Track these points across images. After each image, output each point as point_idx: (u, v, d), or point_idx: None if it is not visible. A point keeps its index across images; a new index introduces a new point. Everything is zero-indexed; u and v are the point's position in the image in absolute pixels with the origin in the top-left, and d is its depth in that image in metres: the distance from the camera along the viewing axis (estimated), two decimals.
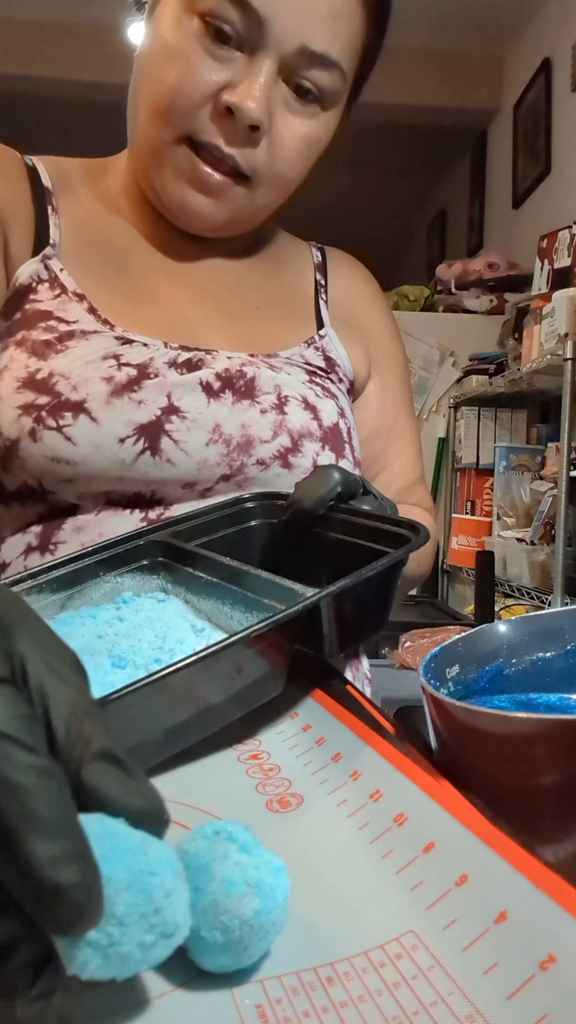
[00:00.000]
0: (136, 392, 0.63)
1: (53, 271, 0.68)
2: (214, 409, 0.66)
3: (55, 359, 0.62)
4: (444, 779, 0.37)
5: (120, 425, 0.61)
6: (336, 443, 0.71)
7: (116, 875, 0.23)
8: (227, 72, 0.64)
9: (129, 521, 0.64)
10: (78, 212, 0.74)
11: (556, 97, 2.99)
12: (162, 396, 0.64)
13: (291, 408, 0.69)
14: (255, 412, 0.67)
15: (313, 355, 0.76)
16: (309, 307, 0.81)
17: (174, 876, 0.25)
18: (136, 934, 0.23)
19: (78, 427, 0.60)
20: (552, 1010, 0.24)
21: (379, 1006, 0.25)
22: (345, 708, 0.47)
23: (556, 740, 0.35)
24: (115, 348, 0.65)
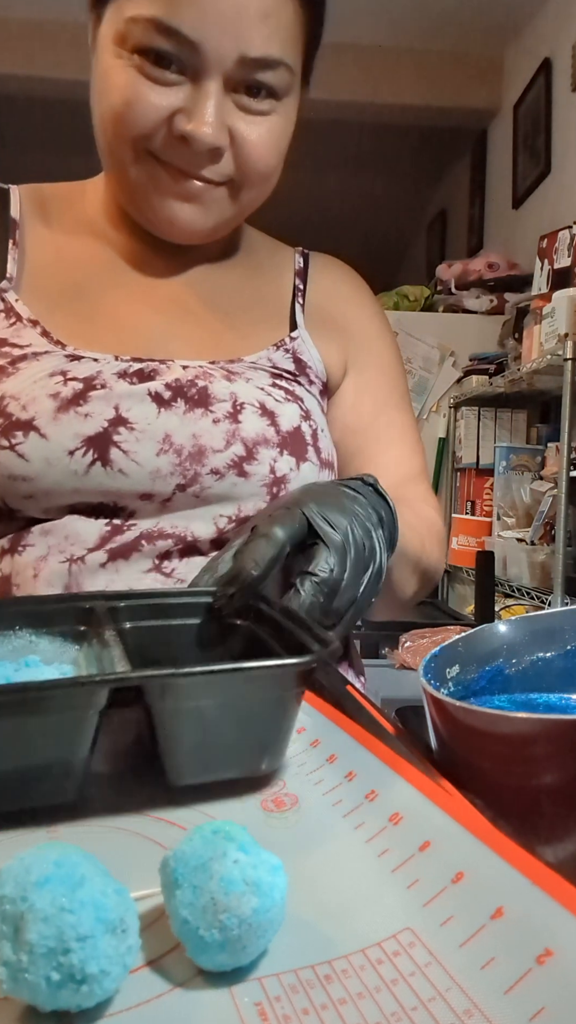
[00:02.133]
0: (82, 405, 0.64)
1: (8, 302, 0.71)
2: (164, 419, 0.66)
3: (6, 383, 0.65)
4: (439, 778, 0.37)
5: (68, 438, 0.63)
6: (296, 447, 0.70)
7: (40, 904, 0.24)
8: (175, 97, 0.65)
9: (95, 525, 0.65)
10: (45, 241, 0.77)
11: (556, 97, 2.99)
12: (109, 408, 0.65)
13: (246, 416, 0.68)
14: (207, 421, 0.67)
15: (281, 358, 0.77)
16: (284, 311, 0.82)
17: (96, 922, 0.24)
18: (42, 968, 0.24)
19: (29, 444, 0.63)
20: (550, 1004, 0.24)
21: (377, 1003, 0.25)
22: (344, 709, 0.47)
23: (556, 740, 0.35)
24: (63, 365, 0.66)
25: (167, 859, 0.29)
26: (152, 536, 0.66)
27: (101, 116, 0.68)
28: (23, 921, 0.24)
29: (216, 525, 0.67)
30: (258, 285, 0.82)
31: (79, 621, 0.50)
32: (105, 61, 0.67)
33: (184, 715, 0.38)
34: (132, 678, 0.37)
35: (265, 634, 0.48)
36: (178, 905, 0.27)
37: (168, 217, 0.70)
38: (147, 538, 0.66)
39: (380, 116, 3.71)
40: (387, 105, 3.60)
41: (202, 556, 0.67)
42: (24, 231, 0.76)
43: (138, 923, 0.26)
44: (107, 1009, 0.25)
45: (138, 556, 0.66)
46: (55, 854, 0.26)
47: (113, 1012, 0.25)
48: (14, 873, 0.25)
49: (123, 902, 0.26)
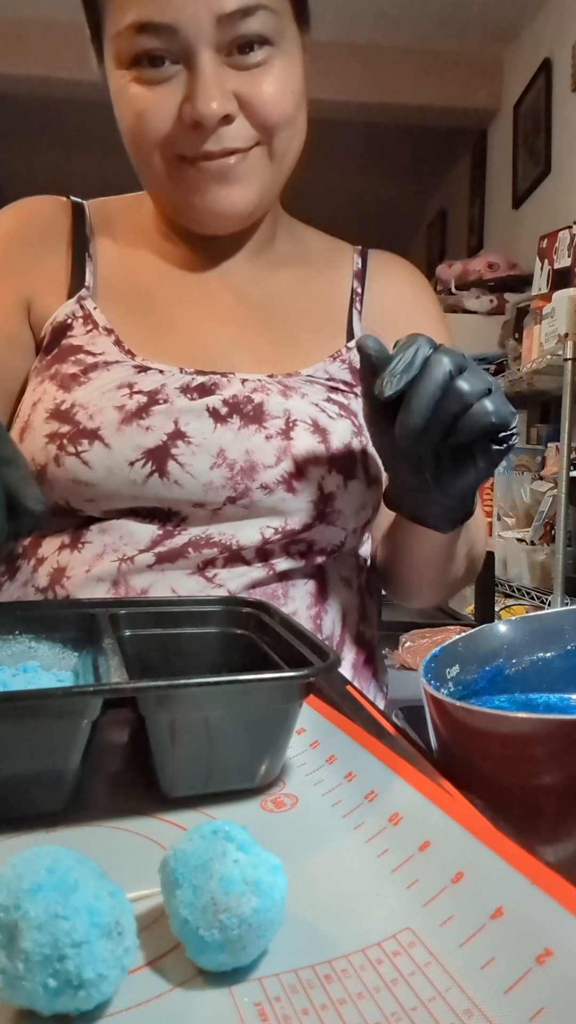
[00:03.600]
0: (144, 419, 0.67)
1: (87, 309, 0.75)
2: (219, 434, 0.68)
3: (77, 391, 0.69)
4: (439, 778, 0.37)
5: (130, 450, 0.66)
6: (345, 464, 0.71)
7: (34, 912, 0.24)
8: (176, 91, 0.67)
9: (148, 528, 0.68)
10: (114, 253, 0.80)
11: (556, 97, 2.99)
12: (169, 422, 0.67)
13: (298, 433, 0.69)
14: (260, 438, 0.68)
15: (338, 369, 0.77)
16: (341, 318, 0.81)
17: (91, 927, 0.24)
18: (39, 975, 0.24)
19: (93, 452, 0.66)
20: (550, 1003, 0.24)
21: (377, 1003, 0.25)
22: (344, 710, 0.47)
23: (556, 740, 0.35)
24: (131, 377, 0.69)
25: (167, 859, 0.29)
26: (199, 544, 0.68)
27: (127, 138, 0.71)
28: (17, 929, 0.24)
29: (262, 535, 0.69)
30: (314, 289, 0.82)
31: (80, 628, 0.50)
32: (114, 87, 0.70)
33: (178, 727, 0.38)
34: (126, 689, 0.36)
35: (266, 645, 0.48)
36: (178, 905, 0.27)
37: (212, 208, 0.71)
38: (194, 545, 0.68)
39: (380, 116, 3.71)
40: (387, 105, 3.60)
41: (246, 565, 0.69)
42: (96, 245, 0.80)
43: (135, 924, 0.26)
44: (107, 1009, 0.25)
45: (184, 562, 0.68)
46: (48, 860, 0.26)
47: (113, 1012, 0.25)
48: (6, 881, 0.25)
49: (118, 904, 0.26)
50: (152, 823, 0.37)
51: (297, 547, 0.71)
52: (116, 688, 0.37)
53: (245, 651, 0.50)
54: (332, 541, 0.72)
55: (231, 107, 0.67)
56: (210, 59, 0.65)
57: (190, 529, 0.69)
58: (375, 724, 0.44)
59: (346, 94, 3.49)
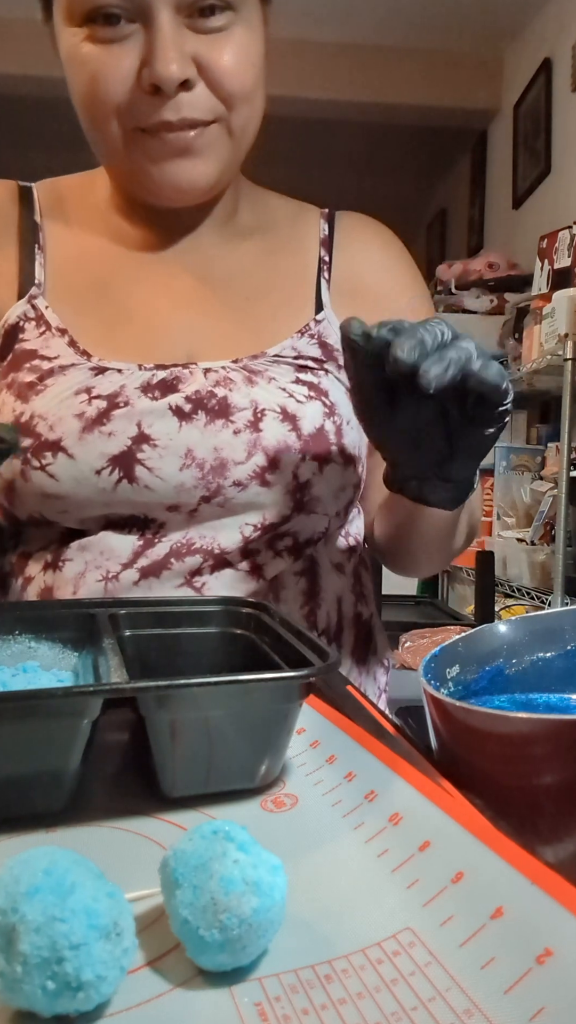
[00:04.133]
0: (105, 424, 0.65)
1: (39, 309, 0.72)
2: (185, 433, 0.66)
3: (35, 400, 0.67)
4: (439, 778, 0.37)
5: (94, 458, 0.65)
6: (319, 449, 0.69)
7: (31, 915, 0.24)
8: (133, 49, 0.63)
9: (127, 540, 0.67)
10: (67, 239, 0.77)
11: (556, 97, 2.99)
12: (131, 425, 0.65)
13: (267, 423, 0.67)
14: (228, 433, 0.67)
15: (306, 345, 0.74)
16: (309, 289, 0.78)
17: (88, 929, 0.24)
18: (37, 978, 0.24)
19: (58, 465, 0.65)
20: (550, 1003, 0.24)
21: (377, 1003, 0.25)
22: (344, 710, 0.47)
23: (556, 740, 0.35)
24: (88, 380, 0.67)
25: (167, 859, 0.29)
26: (180, 552, 0.67)
27: (79, 103, 0.68)
28: (15, 932, 0.24)
29: (242, 534, 0.68)
30: (280, 260, 0.79)
31: (80, 628, 0.50)
32: (65, 46, 0.66)
33: (178, 727, 0.38)
34: (126, 689, 0.36)
35: (265, 645, 0.48)
36: (178, 905, 0.27)
37: (171, 181, 0.68)
38: (176, 554, 0.67)
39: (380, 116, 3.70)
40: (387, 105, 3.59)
41: (232, 569, 0.68)
42: (46, 233, 0.76)
43: (133, 924, 0.26)
44: (107, 1009, 0.25)
45: (168, 574, 0.67)
46: (44, 862, 0.26)
47: (113, 1012, 0.25)
48: (3, 884, 0.25)
49: (116, 905, 0.26)
50: (152, 823, 0.37)
51: (282, 542, 0.70)
52: (116, 688, 0.37)
53: (245, 651, 0.50)
54: (315, 529, 0.71)
55: (190, 72, 0.64)
56: (169, 18, 0.62)
57: (170, 535, 0.68)
58: (375, 724, 0.44)
59: (346, 94, 3.49)
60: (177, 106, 0.64)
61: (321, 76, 3.43)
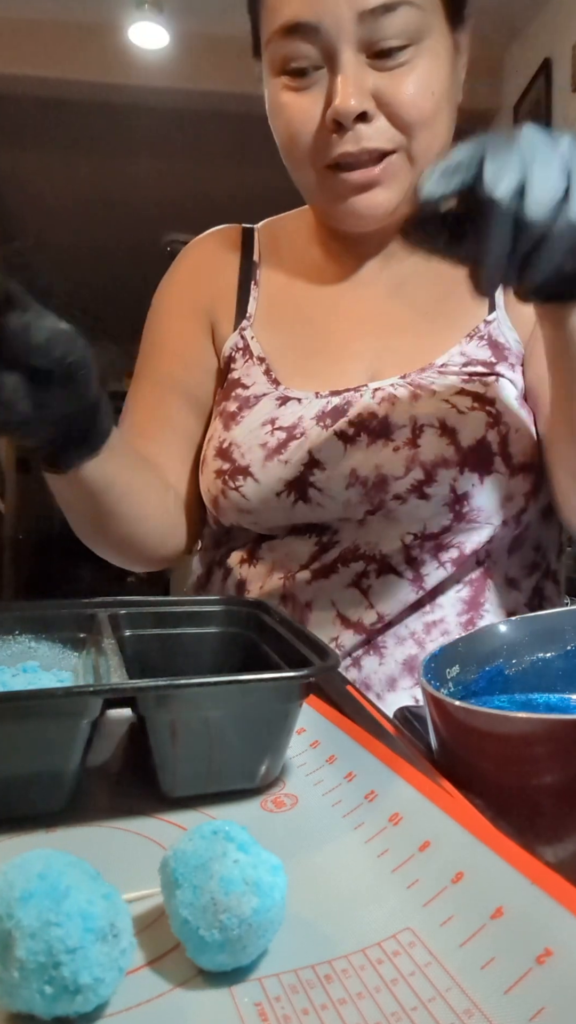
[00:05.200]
0: (283, 454, 0.73)
1: (246, 340, 0.81)
2: (350, 456, 0.72)
3: (234, 429, 0.76)
4: (439, 778, 0.37)
5: (274, 483, 0.73)
6: (479, 461, 0.70)
7: (26, 920, 0.24)
8: (320, 94, 0.69)
9: (307, 544, 0.75)
10: (278, 275, 0.85)
11: (556, 97, 2.99)
12: (304, 453, 0.73)
13: (425, 439, 0.71)
14: (388, 451, 0.71)
15: (475, 348, 0.75)
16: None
17: (84, 932, 0.24)
18: (35, 982, 0.24)
19: (248, 487, 0.74)
20: (550, 1003, 0.24)
21: (377, 1003, 0.25)
22: (344, 710, 0.47)
23: (556, 740, 0.35)
24: (273, 411, 0.76)
25: (167, 859, 0.29)
26: (347, 557, 0.73)
27: (280, 148, 0.74)
28: (11, 938, 0.24)
29: (403, 542, 0.72)
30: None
31: (80, 628, 0.50)
32: (269, 98, 0.73)
33: (178, 727, 0.37)
34: (126, 689, 0.36)
35: (266, 645, 0.48)
36: (178, 905, 0.27)
37: (355, 211, 0.72)
38: (343, 559, 0.73)
39: None
40: None
41: (396, 576, 0.72)
42: (262, 270, 0.85)
43: (131, 924, 0.26)
44: (107, 1009, 0.25)
45: (337, 576, 0.73)
46: (39, 866, 0.26)
47: (113, 1012, 0.25)
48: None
49: (112, 906, 0.26)
50: (152, 823, 0.37)
51: (447, 554, 0.72)
52: (116, 688, 0.37)
53: (245, 651, 0.50)
54: (480, 539, 0.72)
55: (368, 105, 0.67)
56: (351, 58, 0.66)
57: (343, 539, 0.73)
58: (375, 724, 0.44)
59: None
60: (357, 138, 0.68)
61: None
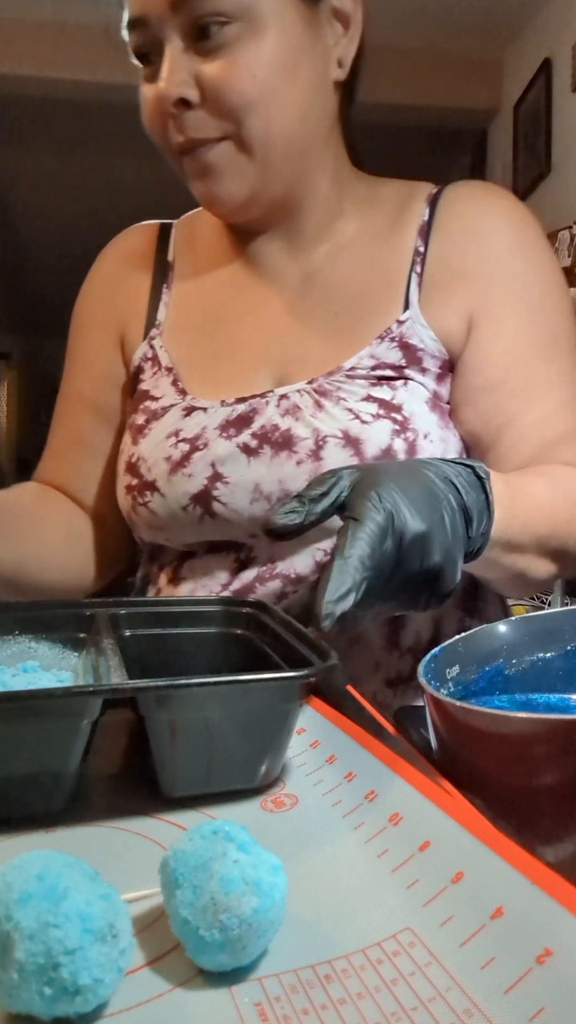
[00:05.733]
0: (186, 467, 0.71)
1: (155, 349, 0.79)
2: (253, 469, 0.70)
3: (141, 444, 0.74)
4: (439, 778, 0.37)
5: (180, 496, 0.71)
6: None
7: (25, 922, 0.24)
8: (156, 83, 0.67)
9: (226, 562, 0.73)
10: (190, 276, 0.82)
11: (556, 97, 2.99)
12: (207, 467, 0.70)
13: (328, 451, 0.68)
14: (291, 465, 0.69)
15: (386, 351, 0.71)
16: (398, 289, 0.73)
17: (83, 933, 0.24)
18: (34, 984, 0.24)
19: (155, 502, 0.72)
20: (550, 1003, 0.24)
21: (377, 1003, 0.25)
22: (344, 710, 0.47)
23: (556, 740, 0.35)
24: (178, 423, 0.73)
25: (167, 859, 0.29)
26: (265, 578, 0.71)
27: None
28: (10, 940, 0.24)
29: (314, 559, 0.70)
30: (376, 260, 0.75)
31: (80, 628, 0.50)
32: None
33: (178, 727, 0.37)
34: (126, 689, 0.36)
35: (266, 645, 0.48)
36: (178, 905, 0.27)
37: (205, 200, 0.72)
38: (260, 579, 0.71)
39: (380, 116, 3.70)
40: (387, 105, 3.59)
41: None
42: (175, 272, 0.82)
43: (130, 925, 0.26)
44: (107, 1009, 0.25)
45: (254, 597, 0.70)
46: (37, 867, 0.26)
47: (113, 1012, 0.25)
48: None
49: (110, 907, 0.26)
50: (152, 823, 0.37)
51: None
52: (116, 688, 0.37)
53: (245, 651, 0.50)
54: None
55: (189, 92, 0.65)
56: (173, 45, 0.65)
57: (259, 558, 0.72)
58: (375, 724, 0.44)
59: None
60: (182, 126, 0.67)
61: None
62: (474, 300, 0.72)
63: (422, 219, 0.75)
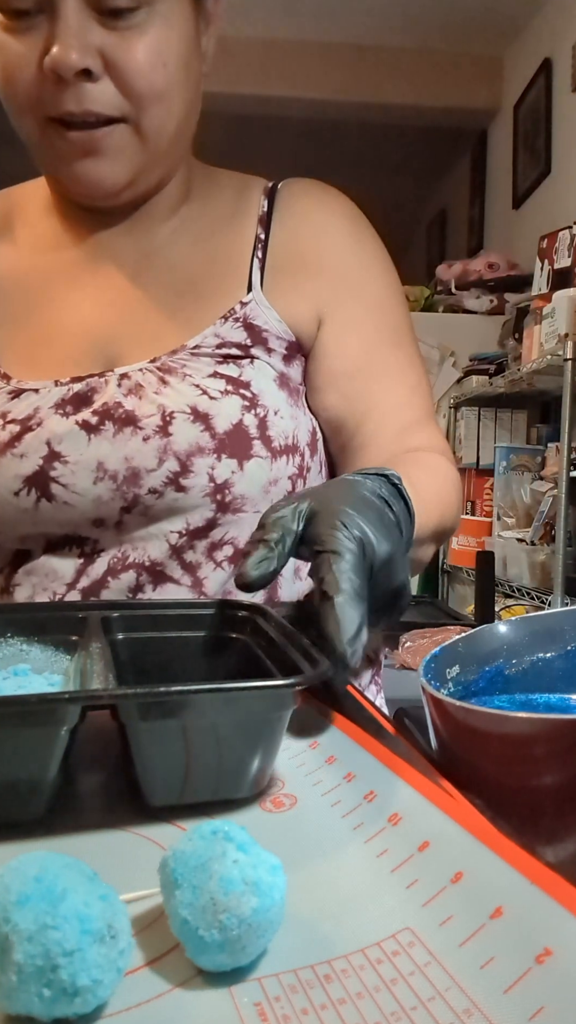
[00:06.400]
0: (17, 447, 0.66)
1: None
2: (95, 447, 0.66)
3: None
4: (439, 778, 0.37)
5: (10, 480, 0.66)
6: (237, 446, 0.66)
7: (23, 924, 0.24)
8: (39, 39, 0.62)
9: (68, 561, 0.68)
10: (9, 255, 0.76)
11: (556, 97, 2.99)
12: (42, 445, 0.66)
13: (176, 426, 0.66)
14: (137, 441, 0.66)
15: (230, 330, 0.71)
16: (241, 272, 0.74)
17: (81, 935, 0.24)
18: (33, 986, 0.24)
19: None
20: (549, 1003, 0.24)
21: (377, 1002, 0.25)
22: (344, 710, 0.47)
23: (556, 740, 0.35)
24: (4, 406, 0.68)
25: (166, 859, 0.29)
26: (116, 569, 0.67)
27: (2, 97, 0.66)
28: (8, 942, 0.24)
29: (168, 542, 0.67)
30: (216, 246, 0.75)
31: (72, 631, 0.49)
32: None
33: (159, 736, 0.36)
34: (103, 697, 0.35)
35: (260, 650, 0.47)
36: (177, 905, 0.27)
37: (81, 178, 0.67)
38: (112, 572, 0.67)
39: (380, 116, 3.71)
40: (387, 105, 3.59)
41: (174, 584, 0.67)
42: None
43: (129, 925, 0.26)
44: (107, 1009, 0.25)
45: (109, 592, 0.67)
46: (35, 869, 0.26)
47: (113, 1012, 0.25)
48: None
49: (109, 907, 0.26)
50: (151, 823, 0.37)
51: (221, 552, 0.68)
52: (92, 695, 0.36)
53: (239, 655, 0.49)
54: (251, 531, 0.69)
55: (93, 63, 0.62)
56: (74, 7, 0.60)
57: (107, 551, 0.68)
58: (375, 724, 0.44)
59: (346, 94, 3.49)
60: (79, 97, 0.63)
61: (321, 76, 3.43)
62: (322, 290, 0.75)
63: (261, 209, 0.77)
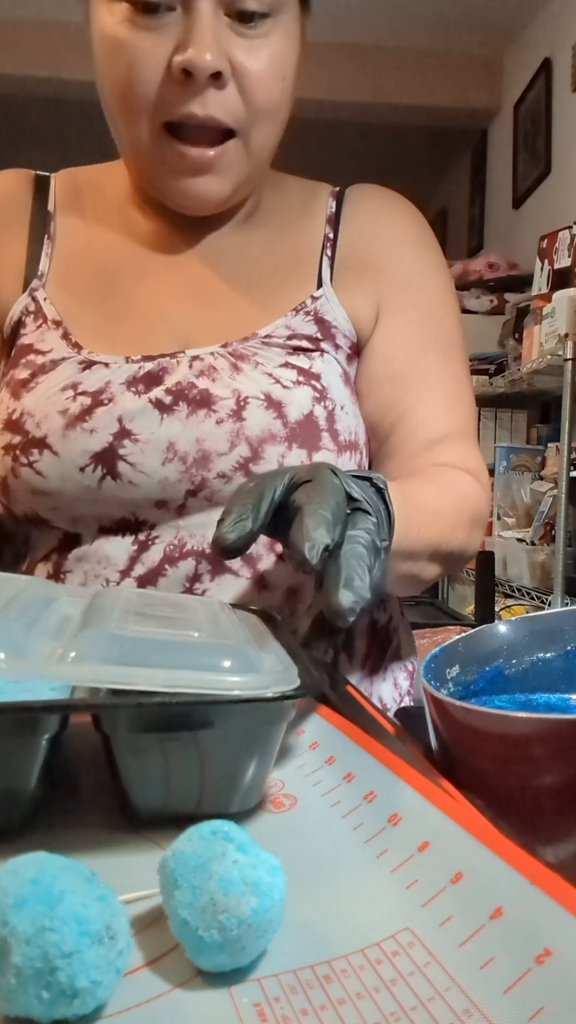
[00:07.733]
0: (88, 421, 0.65)
1: (38, 301, 0.72)
2: (167, 427, 0.65)
3: (26, 398, 0.67)
4: (439, 779, 0.37)
5: (77, 455, 0.65)
6: (307, 437, 0.66)
7: (21, 926, 0.24)
8: (169, 38, 0.62)
9: (122, 545, 0.66)
10: (78, 231, 0.76)
11: (556, 97, 2.99)
12: (113, 421, 0.65)
13: (250, 412, 0.65)
14: (210, 424, 0.65)
15: (301, 322, 0.71)
16: (311, 269, 0.75)
17: (80, 936, 0.24)
18: (32, 988, 0.24)
19: (44, 462, 0.65)
20: (549, 1003, 0.24)
21: (377, 1003, 0.25)
22: (344, 711, 0.47)
23: (556, 740, 0.35)
24: (75, 376, 0.67)
25: (166, 859, 0.29)
26: (174, 557, 0.66)
27: (111, 91, 0.66)
28: (6, 945, 0.24)
29: None
30: (285, 245, 0.77)
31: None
32: (101, 23, 0.65)
33: (143, 746, 0.35)
34: (81, 707, 0.35)
35: None
36: (177, 905, 0.27)
37: (187, 193, 0.68)
38: (169, 559, 0.65)
39: (380, 116, 3.71)
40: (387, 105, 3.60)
41: (232, 575, 0.66)
42: (57, 223, 0.76)
43: (128, 925, 0.26)
44: (106, 1010, 0.25)
45: (166, 581, 0.65)
46: (32, 871, 0.26)
47: (112, 1013, 0.25)
48: None
49: (107, 908, 0.25)
50: (150, 824, 0.37)
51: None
52: (73, 704, 0.35)
53: None
54: None
55: (225, 66, 0.62)
56: (209, 8, 0.61)
57: (163, 537, 0.66)
58: (375, 725, 0.44)
59: (346, 94, 3.49)
60: (204, 101, 0.63)
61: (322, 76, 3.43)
62: (382, 290, 0.75)
63: (330, 210, 0.78)
